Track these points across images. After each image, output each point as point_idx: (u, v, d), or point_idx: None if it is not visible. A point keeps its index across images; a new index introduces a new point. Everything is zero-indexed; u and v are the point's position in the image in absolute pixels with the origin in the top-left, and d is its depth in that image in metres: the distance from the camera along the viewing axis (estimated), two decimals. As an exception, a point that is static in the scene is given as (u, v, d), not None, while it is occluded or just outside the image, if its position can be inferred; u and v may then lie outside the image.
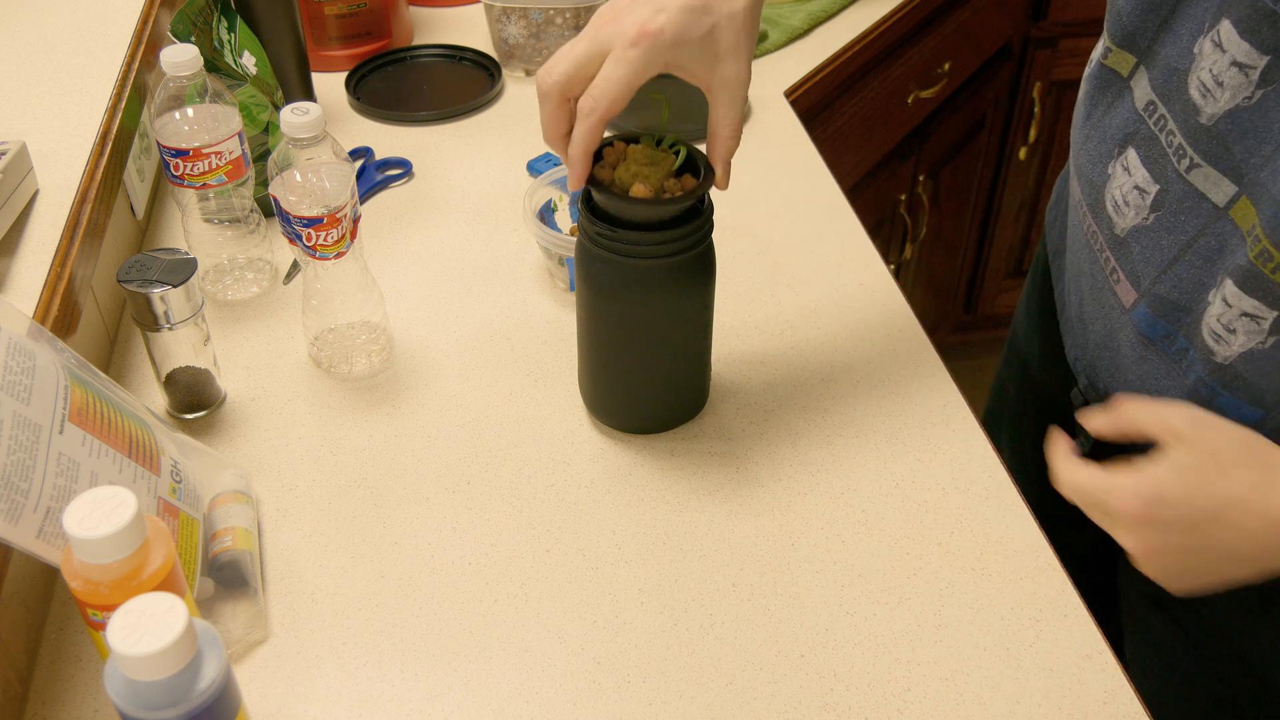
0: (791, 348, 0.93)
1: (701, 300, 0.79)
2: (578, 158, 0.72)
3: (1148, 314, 0.73)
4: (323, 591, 0.73)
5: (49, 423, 0.59)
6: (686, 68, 0.75)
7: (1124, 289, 0.75)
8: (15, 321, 0.63)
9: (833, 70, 1.38)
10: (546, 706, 0.67)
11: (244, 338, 0.94)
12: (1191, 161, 0.67)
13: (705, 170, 0.75)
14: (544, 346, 0.93)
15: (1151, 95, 0.71)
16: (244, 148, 0.93)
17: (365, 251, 0.99)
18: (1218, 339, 0.68)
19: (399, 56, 1.36)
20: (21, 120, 0.95)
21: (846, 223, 1.09)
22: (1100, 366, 0.82)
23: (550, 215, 1.01)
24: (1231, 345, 0.68)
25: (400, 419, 0.86)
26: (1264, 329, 0.66)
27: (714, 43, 0.74)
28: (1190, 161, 0.68)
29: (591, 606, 0.73)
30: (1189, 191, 0.68)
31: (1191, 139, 0.67)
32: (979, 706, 0.67)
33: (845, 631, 0.71)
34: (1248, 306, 0.66)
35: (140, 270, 0.79)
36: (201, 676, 0.52)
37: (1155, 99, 0.70)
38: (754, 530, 0.78)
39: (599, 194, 0.73)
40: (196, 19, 1.01)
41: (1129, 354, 0.77)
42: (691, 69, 0.75)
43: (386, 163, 1.16)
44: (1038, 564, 0.76)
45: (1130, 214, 0.73)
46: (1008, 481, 0.82)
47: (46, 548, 0.58)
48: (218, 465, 0.77)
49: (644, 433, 0.85)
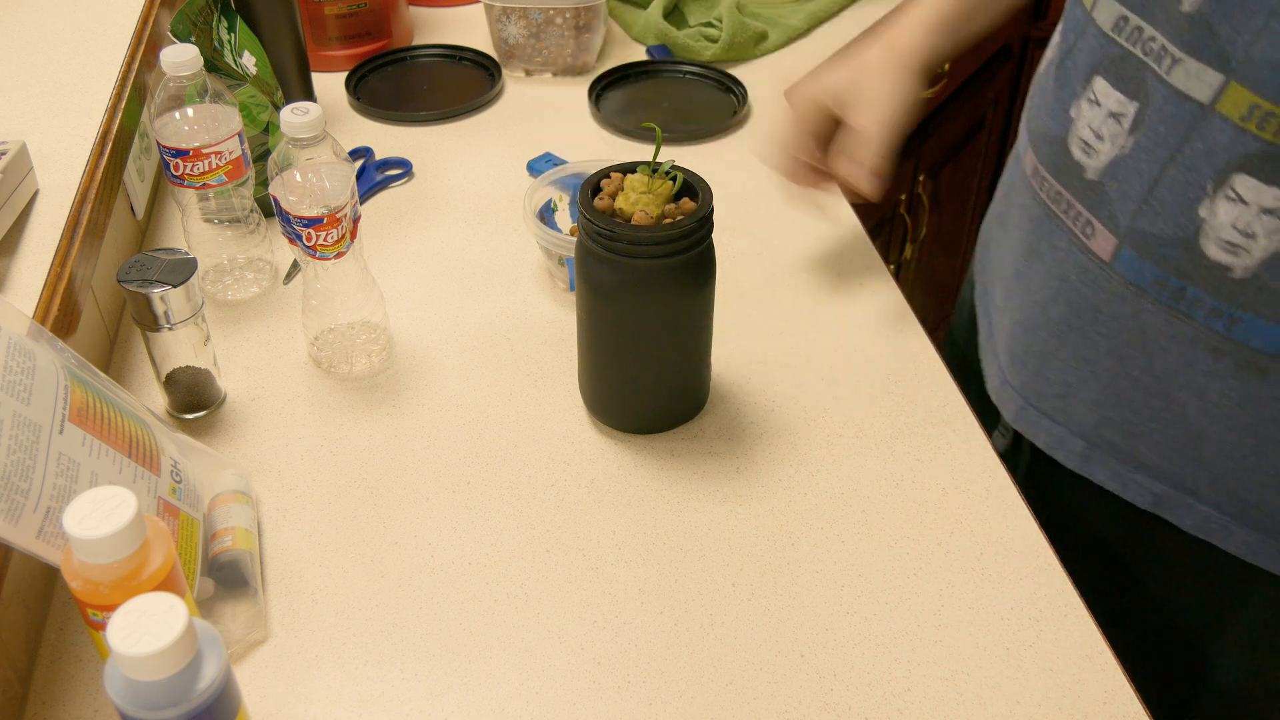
0: (791, 348, 0.93)
1: (701, 300, 0.79)
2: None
3: (1134, 258, 0.70)
4: (323, 591, 0.73)
5: (49, 423, 0.59)
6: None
7: (1101, 240, 0.72)
8: (15, 321, 0.63)
9: (833, 70, 1.38)
10: (546, 706, 0.67)
11: (244, 338, 0.94)
12: (1173, 59, 0.65)
13: (703, 191, 0.77)
14: (544, 346, 0.93)
15: (1120, 10, 0.69)
16: (244, 148, 0.93)
17: (365, 251, 0.99)
18: (1234, 250, 0.64)
19: (399, 56, 1.36)
20: (21, 120, 0.95)
21: (846, 223, 1.09)
22: (1063, 357, 0.79)
23: (550, 215, 1.01)
24: (1253, 253, 0.64)
25: (400, 419, 0.86)
26: None
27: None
28: (1171, 59, 0.65)
29: (591, 606, 0.73)
30: (1170, 95, 0.65)
31: (1173, 33, 0.64)
32: (979, 706, 0.67)
33: (845, 631, 0.71)
34: (1268, 200, 0.62)
35: (140, 270, 0.79)
36: (201, 676, 0.51)
37: (1126, 12, 0.68)
38: (754, 530, 0.78)
39: (603, 225, 0.74)
40: (196, 19, 1.01)
41: (1117, 318, 0.73)
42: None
43: (386, 163, 1.16)
44: (1038, 564, 0.76)
45: (1105, 147, 0.71)
46: (1008, 481, 0.82)
47: (46, 548, 0.58)
48: (218, 465, 0.77)
49: (644, 433, 0.85)
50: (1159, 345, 0.72)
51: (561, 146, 1.19)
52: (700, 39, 1.37)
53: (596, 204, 0.77)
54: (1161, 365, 0.72)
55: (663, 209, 0.76)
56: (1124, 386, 0.76)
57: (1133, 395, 0.76)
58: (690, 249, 0.76)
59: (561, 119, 1.25)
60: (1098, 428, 0.79)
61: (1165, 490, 0.78)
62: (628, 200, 0.76)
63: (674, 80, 1.33)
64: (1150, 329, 0.72)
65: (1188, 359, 0.71)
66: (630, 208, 0.76)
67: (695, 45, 1.35)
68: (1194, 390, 0.72)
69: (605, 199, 0.77)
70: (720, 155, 1.19)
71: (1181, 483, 0.77)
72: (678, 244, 0.75)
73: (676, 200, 0.77)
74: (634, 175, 0.77)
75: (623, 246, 0.74)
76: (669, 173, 0.77)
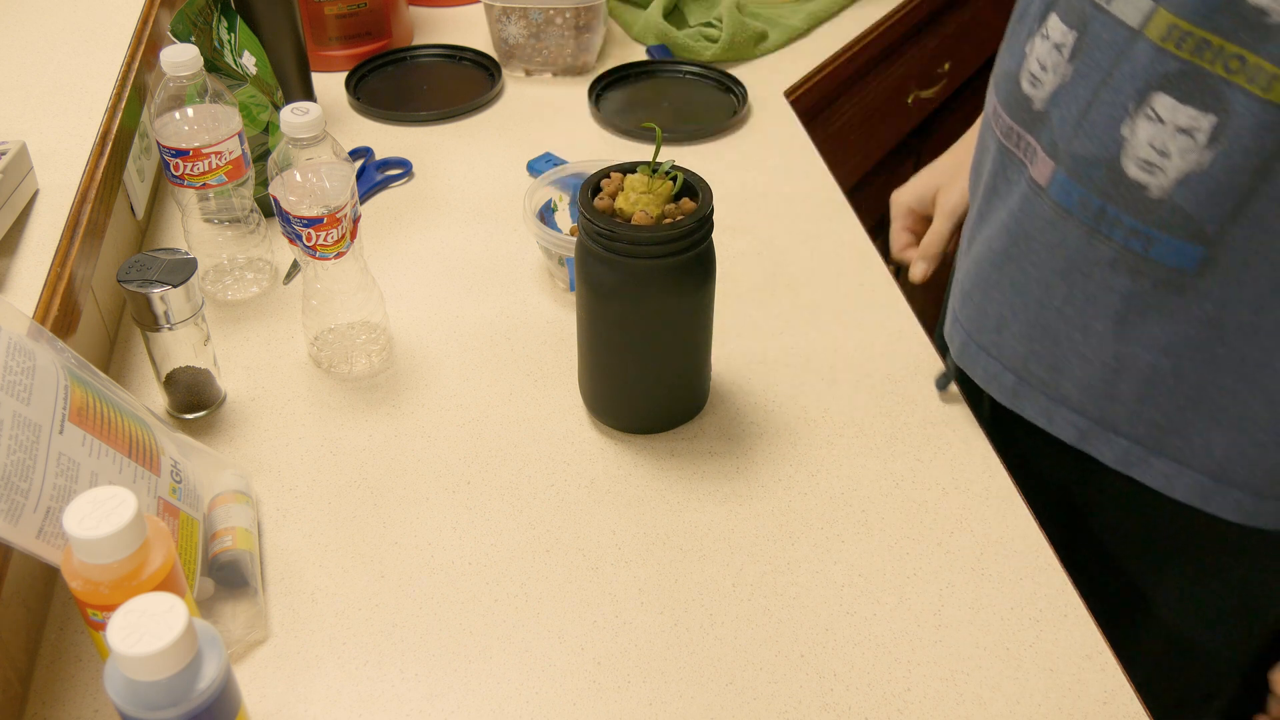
0: (791, 348, 0.93)
1: (701, 300, 0.79)
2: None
3: (1065, 180, 0.73)
4: (323, 591, 0.73)
5: (49, 423, 0.59)
6: None
7: (1041, 166, 0.76)
8: (15, 321, 0.63)
9: (833, 70, 1.38)
10: (546, 706, 0.67)
11: (244, 338, 0.94)
12: None
13: (703, 191, 0.77)
14: (544, 346, 0.93)
15: None
16: (244, 148, 0.93)
17: (365, 251, 0.99)
18: (1150, 169, 0.67)
19: (399, 56, 1.36)
20: (21, 120, 0.95)
21: (846, 223, 1.09)
22: (1000, 288, 0.83)
23: (550, 215, 1.01)
24: (1167, 172, 0.67)
25: (400, 419, 0.86)
26: (1200, 144, 0.65)
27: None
28: None
29: (591, 606, 0.73)
30: (1106, 23, 0.69)
31: None
32: (979, 706, 0.67)
33: (845, 631, 0.71)
34: (1183, 119, 0.65)
35: (140, 270, 0.79)
36: (201, 676, 0.52)
37: None
38: (754, 530, 0.78)
39: (603, 225, 0.74)
40: (196, 19, 1.01)
41: (1046, 244, 0.77)
42: None
43: (386, 163, 1.16)
44: (1038, 564, 0.76)
45: (1048, 80, 0.74)
46: (1008, 481, 0.82)
47: (46, 548, 0.58)
48: (218, 465, 0.77)
49: (644, 433, 0.85)
50: (1081, 271, 0.75)
51: (561, 146, 1.19)
52: (700, 39, 1.37)
53: (596, 204, 0.77)
54: (1083, 292, 0.75)
55: (663, 209, 0.76)
56: (1048, 318, 0.79)
57: (1056, 327, 0.78)
58: (690, 249, 0.76)
59: (561, 119, 1.25)
60: (1025, 362, 0.82)
61: (1088, 425, 0.80)
62: (628, 200, 0.76)
63: (674, 80, 1.33)
64: (1074, 253, 0.75)
65: (1108, 282, 0.74)
66: (630, 208, 0.76)
67: (695, 45, 1.35)
68: (1113, 317, 0.75)
69: (605, 199, 0.77)
70: (720, 155, 1.19)
71: (1102, 417, 0.79)
72: (678, 244, 0.75)
73: (676, 200, 0.77)
74: (634, 175, 0.77)
75: (623, 246, 0.74)
76: (669, 173, 0.77)
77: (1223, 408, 0.74)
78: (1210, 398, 0.74)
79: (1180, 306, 0.71)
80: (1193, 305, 0.71)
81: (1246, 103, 0.63)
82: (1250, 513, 0.76)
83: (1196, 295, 0.70)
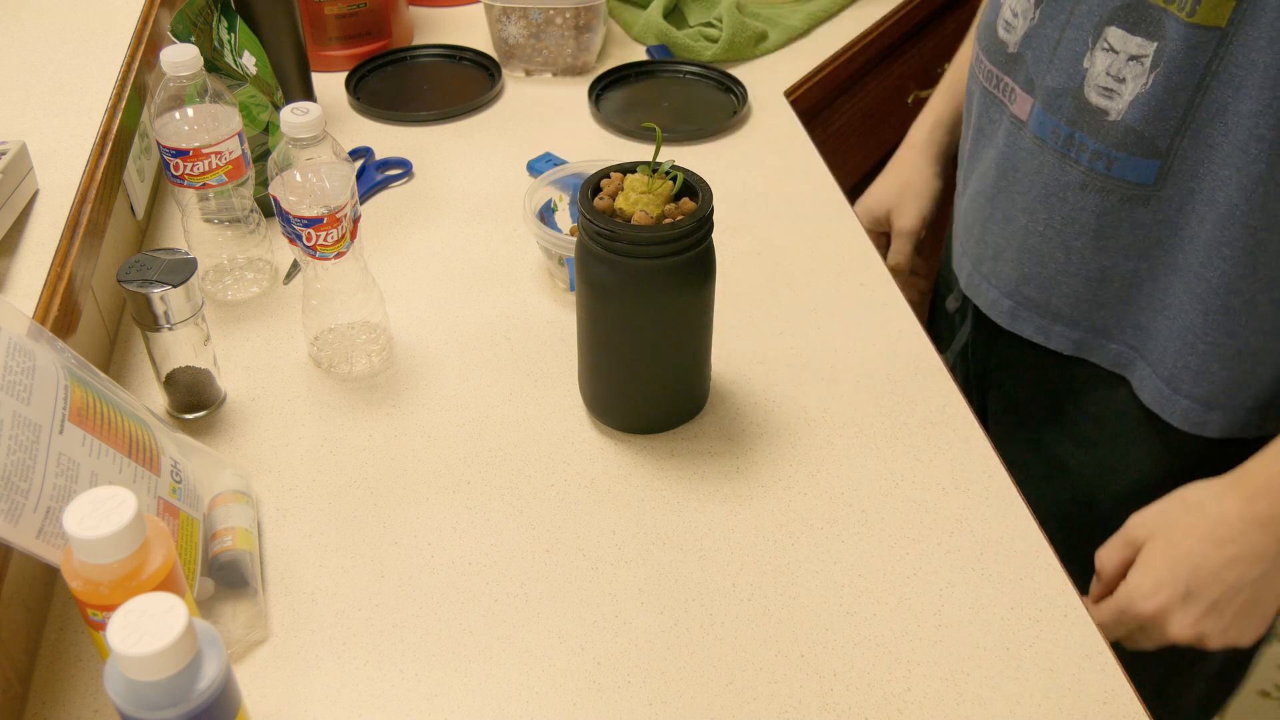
0: (791, 348, 0.93)
1: (701, 300, 0.79)
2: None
3: (1042, 114, 0.83)
4: (323, 591, 0.73)
5: (49, 423, 0.59)
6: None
7: (1020, 103, 0.86)
8: (15, 321, 0.63)
9: (833, 70, 1.38)
10: (546, 706, 0.67)
11: (244, 338, 0.94)
12: None
13: (703, 191, 0.77)
14: (544, 346, 0.93)
15: None
16: (244, 148, 0.93)
17: (365, 251, 0.99)
18: (1109, 94, 0.77)
19: (399, 56, 1.36)
20: (21, 120, 0.95)
21: (846, 223, 1.09)
22: (994, 219, 0.92)
23: (550, 215, 1.01)
24: (1123, 96, 0.77)
25: (400, 419, 0.86)
26: (1146, 68, 0.75)
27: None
28: None
29: (591, 606, 0.73)
30: None
31: None
32: (979, 706, 0.67)
33: (845, 631, 0.71)
34: (1133, 48, 0.75)
35: (140, 270, 0.79)
36: (201, 676, 0.51)
37: None
38: (754, 530, 0.78)
39: (603, 225, 0.74)
40: (196, 19, 1.01)
41: (1027, 174, 0.86)
42: None
43: (386, 163, 1.16)
44: (1038, 564, 0.76)
45: (1020, 24, 0.84)
46: (1008, 481, 0.82)
47: (46, 548, 0.58)
48: (218, 465, 0.77)
49: (644, 433, 0.85)
50: (1057, 195, 0.84)
51: (561, 146, 1.19)
52: (700, 39, 1.37)
53: (596, 204, 0.77)
54: (1060, 215, 0.85)
55: (663, 209, 0.76)
56: (1034, 242, 0.88)
57: (1041, 249, 0.88)
58: (690, 249, 0.76)
59: (561, 119, 1.25)
60: (1019, 285, 0.91)
61: (1081, 335, 0.90)
62: (628, 200, 0.76)
63: (674, 80, 1.33)
64: (1050, 179, 0.84)
65: (1080, 202, 0.83)
66: (630, 208, 0.76)
67: (695, 45, 1.35)
68: (1089, 234, 0.84)
69: (605, 199, 0.77)
70: (720, 155, 1.19)
71: (1093, 326, 0.89)
72: (677, 244, 0.75)
73: (676, 200, 0.77)
74: (634, 175, 0.77)
75: (623, 246, 0.74)
76: (669, 173, 0.77)
77: (1171, 316, 0.83)
78: (1165, 304, 0.83)
79: (1146, 216, 0.80)
80: (1157, 213, 0.80)
81: (1176, 27, 0.73)
82: (1197, 422, 0.85)
83: (1159, 204, 0.79)
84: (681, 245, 0.75)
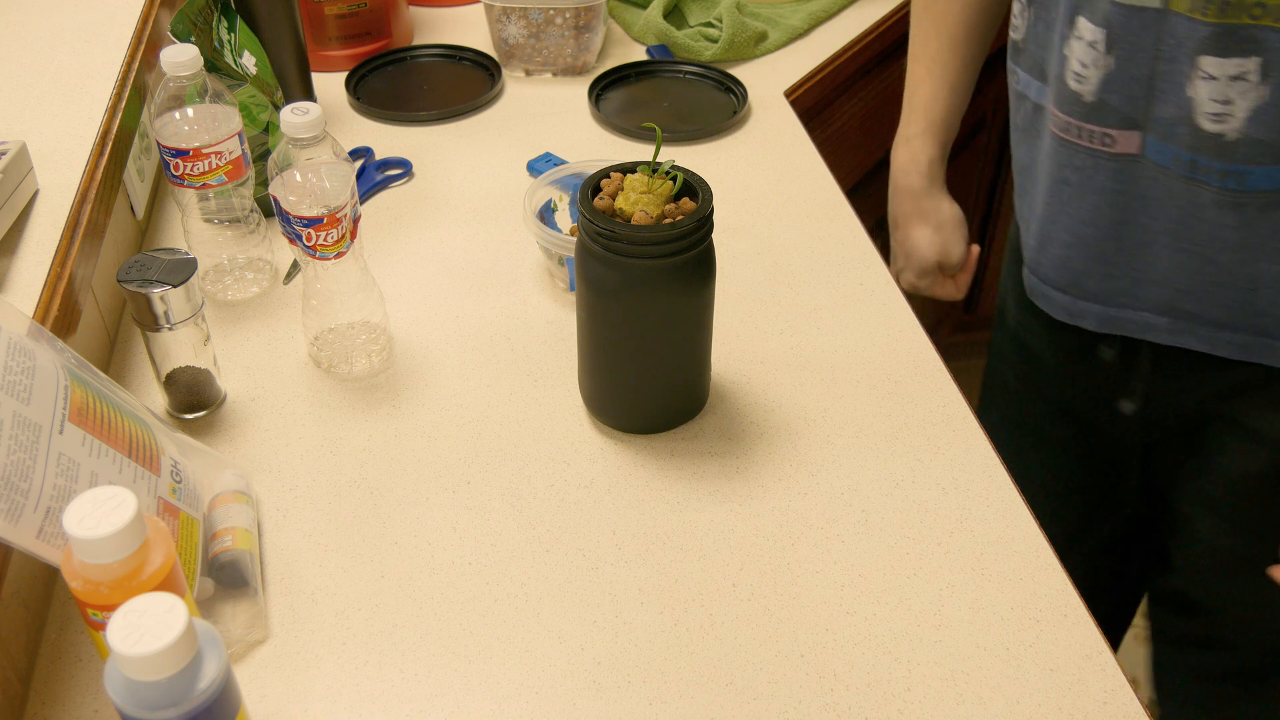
0: (791, 348, 0.93)
1: (701, 300, 0.79)
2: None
3: (1159, 144, 0.82)
4: (323, 591, 0.73)
5: (49, 423, 0.59)
6: None
7: (1123, 142, 0.85)
8: (15, 321, 0.63)
9: (833, 70, 1.38)
10: (546, 706, 0.67)
11: (244, 338, 0.94)
12: None
13: (703, 192, 0.77)
14: (544, 346, 0.93)
15: None
16: (244, 148, 0.93)
17: (365, 251, 0.99)
18: (1219, 119, 0.77)
19: (399, 56, 1.36)
20: (21, 120, 0.95)
21: (846, 223, 1.09)
22: (1124, 251, 0.90)
23: (550, 215, 1.01)
24: (1236, 115, 0.76)
25: (400, 419, 0.86)
26: (1255, 82, 0.74)
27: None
28: None
29: (591, 606, 0.73)
30: (1123, 12, 0.78)
31: None
32: (979, 706, 0.67)
33: (845, 631, 0.71)
34: (1231, 69, 0.75)
35: (140, 270, 0.79)
36: (201, 676, 0.51)
37: None
38: (754, 530, 0.78)
39: (603, 225, 0.74)
40: (196, 19, 1.01)
41: (1157, 199, 0.84)
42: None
43: (386, 163, 1.16)
44: (1038, 564, 0.76)
45: (1093, 73, 0.83)
46: (1008, 481, 0.82)
47: (46, 548, 0.58)
48: (218, 465, 0.77)
49: (644, 433, 0.85)
50: (1196, 216, 0.82)
51: (561, 146, 1.19)
52: (700, 39, 1.37)
53: (596, 204, 0.77)
54: (1202, 234, 0.83)
55: (663, 209, 0.76)
56: (1181, 259, 0.86)
57: (1203, 270, 0.86)
58: (690, 249, 0.76)
59: (561, 119, 1.25)
60: (1172, 301, 0.90)
61: (1246, 339, 0.89)
62: (628, 200, 0.76)
63: (674, 80, 1.33)
64: (1185, 202, 0.82)
65: (1221, 220, 0.81)
66: (630, 208, 0.76)
67: (695, 45, 1.35)
68: (1236, 246, 0.82)
69: (605, 199, 0.77)
70: (720, 155, 1.19)
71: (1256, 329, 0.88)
72: (678, 244, 0.75)
73: (676, 200, 0.77)
74: (634, 175, 0.77)
75: (623, 246, 0.74)
76: (669, 173, 0.77)
77: None
78: None
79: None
80: None
81: (1272, 37, 0.72)
82: None
83: None
84: (681, 245, 0.75)
